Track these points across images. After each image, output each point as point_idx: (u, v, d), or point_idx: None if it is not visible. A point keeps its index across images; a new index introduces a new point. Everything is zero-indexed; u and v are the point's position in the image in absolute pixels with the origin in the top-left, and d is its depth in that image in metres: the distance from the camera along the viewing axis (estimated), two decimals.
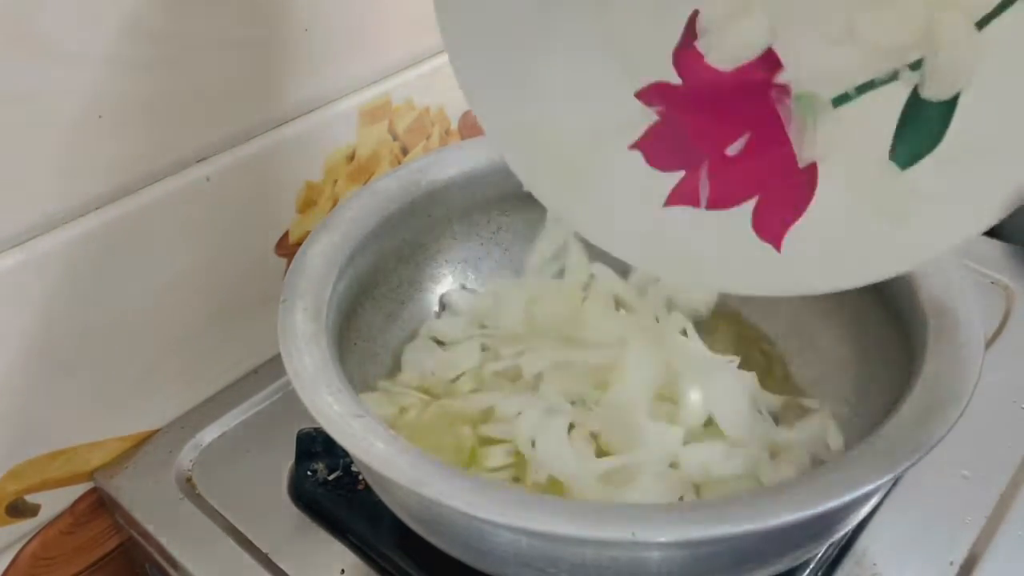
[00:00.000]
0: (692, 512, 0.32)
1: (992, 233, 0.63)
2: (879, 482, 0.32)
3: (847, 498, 0.32)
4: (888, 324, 0.45)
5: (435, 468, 0.34)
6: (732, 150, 0.38)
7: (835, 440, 0.44)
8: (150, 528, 0.47)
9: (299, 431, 0.47)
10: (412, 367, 0.50)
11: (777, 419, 0.46)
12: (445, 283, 0.54)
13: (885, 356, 0.45)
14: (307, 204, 0.56)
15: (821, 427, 0.44)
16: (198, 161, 0.49)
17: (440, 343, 0.52)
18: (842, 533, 0.38)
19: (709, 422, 0.45)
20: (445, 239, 0.54)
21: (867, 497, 0.33)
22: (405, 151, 0.61)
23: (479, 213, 0.54)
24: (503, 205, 0.55)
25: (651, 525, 0.31)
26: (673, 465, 0.42)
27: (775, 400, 0.47)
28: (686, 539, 0.31)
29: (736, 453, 0.43)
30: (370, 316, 0.50)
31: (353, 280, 0.47)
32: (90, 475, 0.51)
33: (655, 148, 0.39)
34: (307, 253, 0.44)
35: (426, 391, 0.48)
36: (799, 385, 0.49)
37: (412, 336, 0.52)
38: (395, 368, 0.51)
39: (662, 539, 0.31)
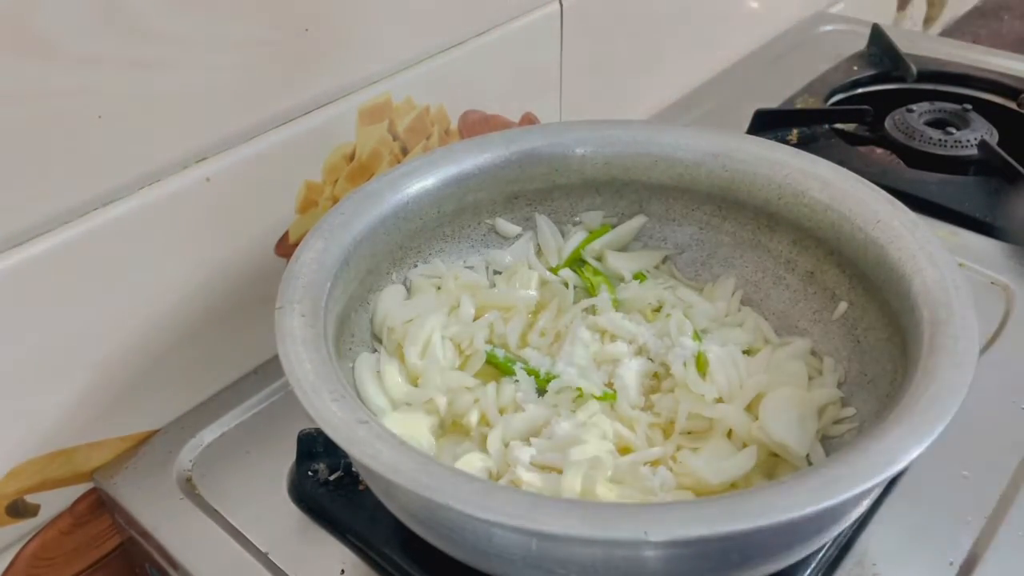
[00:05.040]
0: (702, 510, 0.32)
1: (992, 233, 0.63)
2: (885, 475, 0.32)
3: (851, 493, 0.32)
4: (881, 318, 0.46)
5: (444, 473, 0.34)
6: None
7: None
8: (150, 528, 0.47)
9: (300, 432, 0.47)
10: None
11: None
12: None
13: (878, 349, 0.45)
14: (307, 204, 0.56)
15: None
16: (198, 161, 0.49)
17: None
18: (843, 528, 0.38)
19: None
20: (436, 242, 0.54)
21: (871, 491, 0.34)
22: (405, 151, 0.61)
23: (469, 215, 0.54)
24: (493, 207, 0.55)
25: (663, 524, 0.31)
26: None
27: None
28: (699, 536, 0.31)
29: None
30: (364, 320, 0.50)
31: (347, 285, 0.47)
32: (90, 475, 0.51)
33: None
34: (300, 259, 0.44)
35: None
36: None
37: None
38: None
39: (674, 537, 0.31)
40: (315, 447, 0.47)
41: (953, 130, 0.74)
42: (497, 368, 0.50)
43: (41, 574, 0.51)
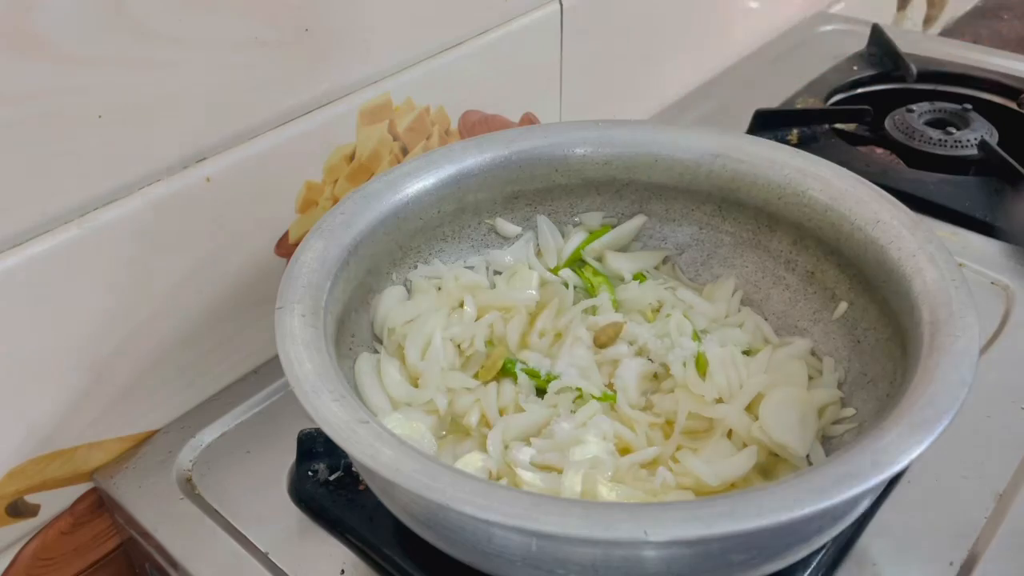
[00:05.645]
0: (702, 510, 0.32)
1: (992, 233, 0.63)
2: (885, 475, 0.32)
3: (851, 493, 0.32)
4: (881, 318, 0.46)
5: (444, 473, 0.34)
6: None
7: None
8: (150, 528, 0.47)
9: (300, 432, 0.47)
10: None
11: None
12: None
13: (878, 349, 0.45)
14: (307, 204, 0.56)
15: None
16: (198, 161, 0.49)
17: None
18: (843, 528, 0.38)
19: None
20: (436, 242, 0.54)
21: (871, 491, 0.34)
22: (405, 151, 0.61)
23: (469, 215, 0.54)
24: (493, 207, 0.55)
25: (663, 524, 0.31)
26: None
27: None
28: (698, 536, 0.31)
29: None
30: (365, 320, 0.50)
31: (347, 285, 0.47)
32: (90, 475, 0.51)
33: None
34: (300, 259, 0.44)
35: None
36: None
37: None
38: None
39: (674, 537, 0.31)
40: (315, 447, 0.47)
41: (953, 130, 0.74)
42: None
43: (41, 574, 0.51)
